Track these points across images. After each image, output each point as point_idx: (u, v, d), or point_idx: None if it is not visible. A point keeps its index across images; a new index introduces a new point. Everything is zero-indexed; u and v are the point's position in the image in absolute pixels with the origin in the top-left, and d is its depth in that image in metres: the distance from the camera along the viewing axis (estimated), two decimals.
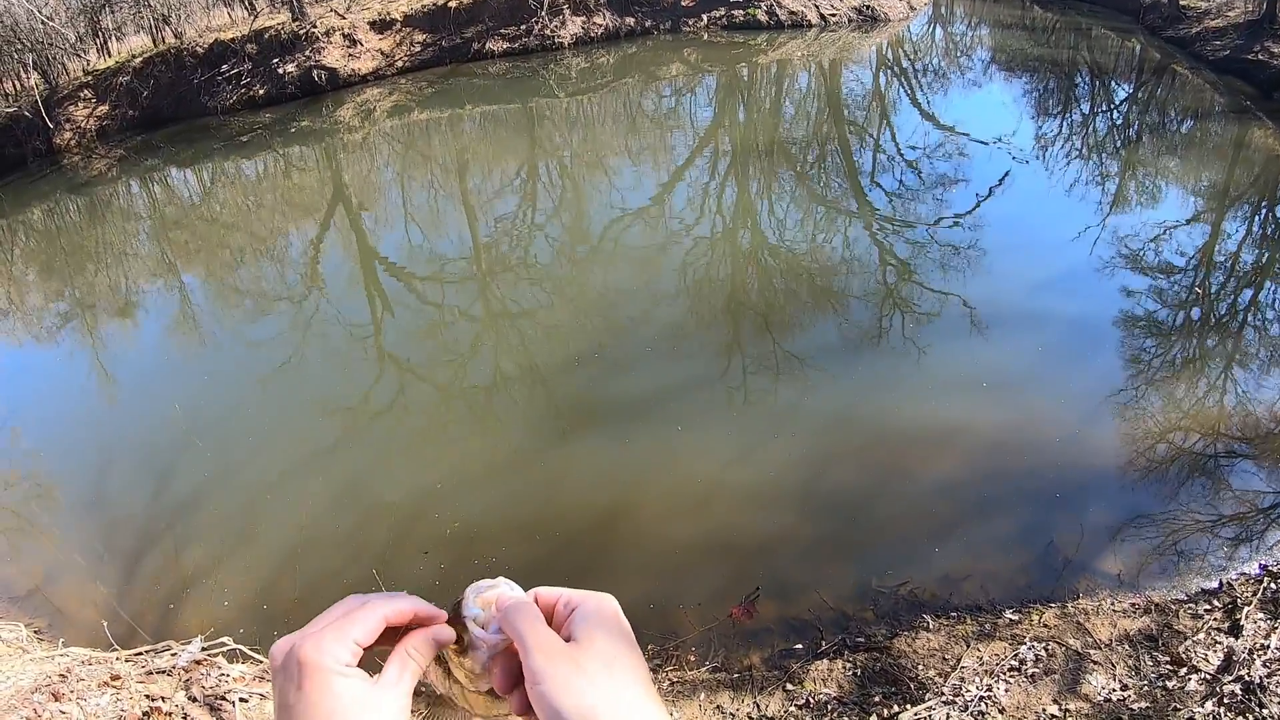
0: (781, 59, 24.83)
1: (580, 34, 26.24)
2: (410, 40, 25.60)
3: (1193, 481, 7.04)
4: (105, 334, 12.06)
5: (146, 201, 18.93)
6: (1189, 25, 27.08)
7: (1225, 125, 18.56)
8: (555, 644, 0.88)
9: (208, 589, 6.40)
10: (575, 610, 0.92)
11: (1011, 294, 10.19)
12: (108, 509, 7.77)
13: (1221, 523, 6.57)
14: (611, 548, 6.50)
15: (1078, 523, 6.52)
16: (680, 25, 27.03)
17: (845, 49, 26.17)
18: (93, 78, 24.43)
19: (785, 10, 27.43)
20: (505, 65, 24.97)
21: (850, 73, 24.57)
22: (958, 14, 38.78)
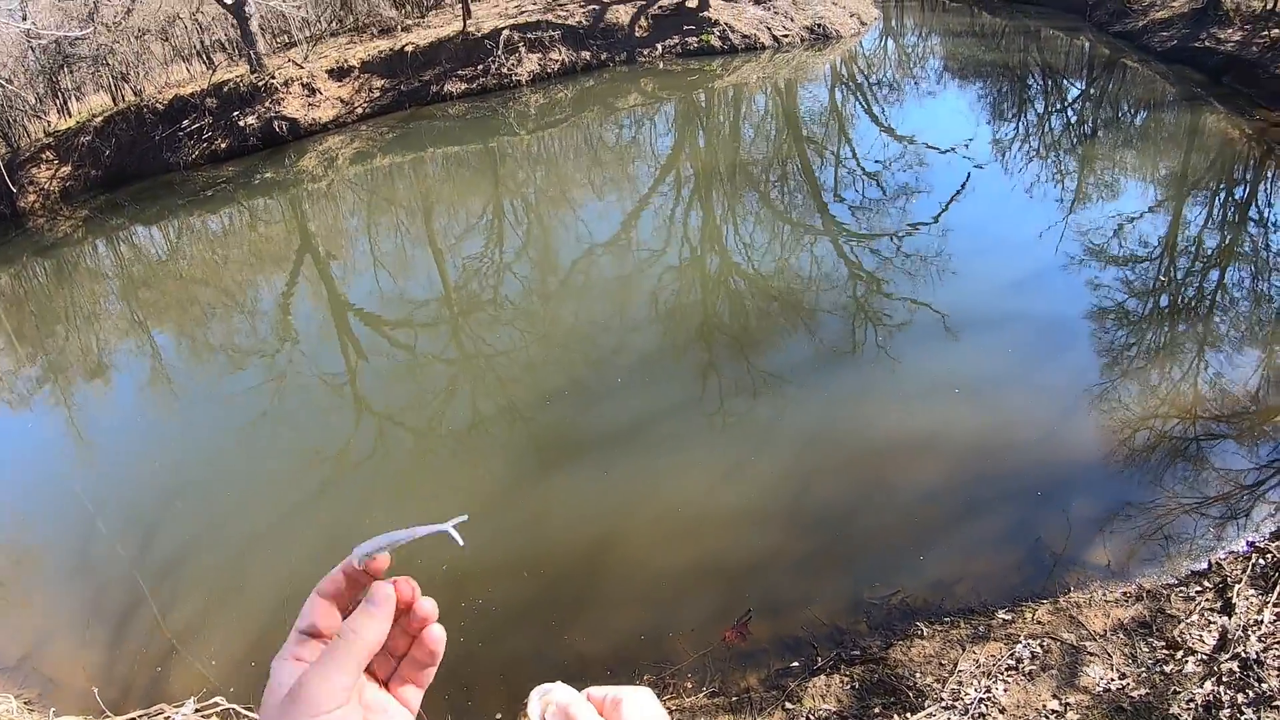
0: (738, 82, 25.07)
1: (537, 70, 26.41)
2: (369, 86, 25.67)
3: (1175, 466, 7.12)
4: (79, 397, 11.95)
5: (114, 261, 18.83)
6: (1135, 19, 27.57)
7: (1178, 113, 18.90)
8: None
9: (197, 648, 6.32)
10: (621, 704, 0.97)
11: (981, 297, 10.30)
12: (92, 573, 7.67)
13: (1207, 504, 6.64)
14: (601, 580, 6.48)
15: (1064, 517, 6.56)
16: (636, 56, 27.25)
17: (800, 68, 26.45)
18: (54, 138, 24.34)
19: (738, 34, 27.73)
20: (464, 106, 25.08)
21: (806, 91, 24.82)
22: (908, 25, 39.31)
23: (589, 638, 5.77)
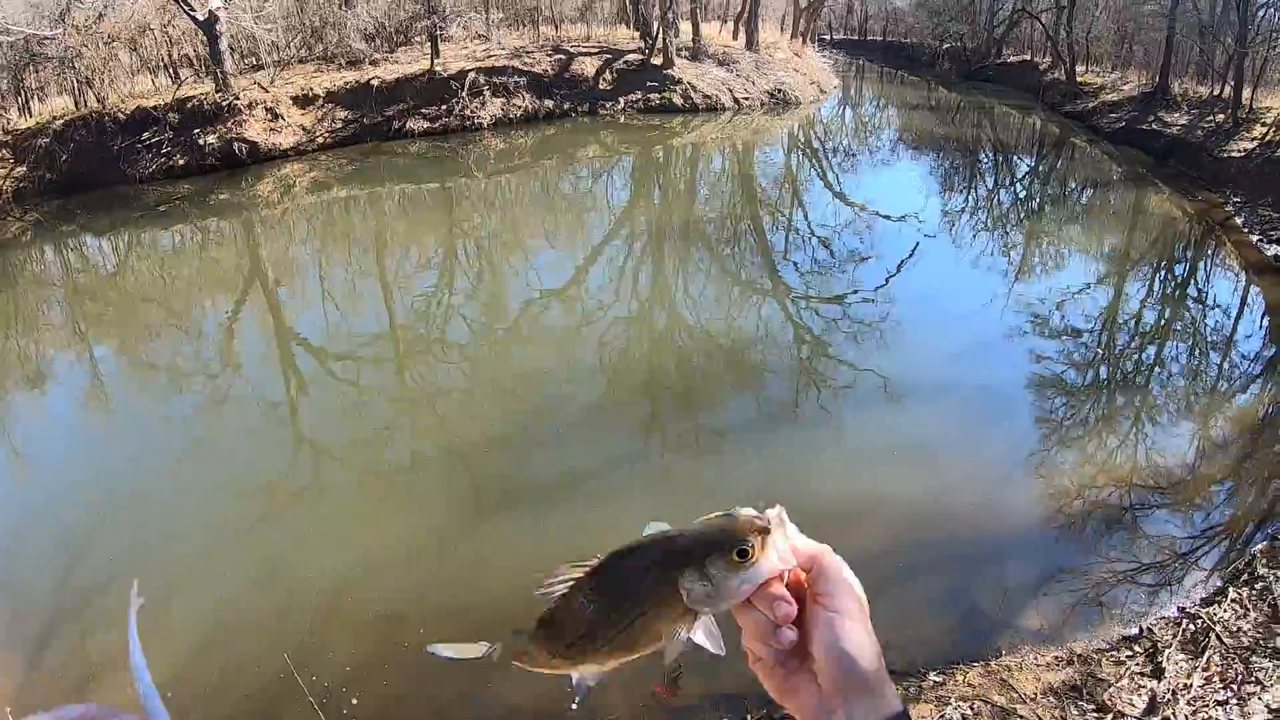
0: (696, 141, 25.45)
1: (500, 115, 26.60)
2: (332, 117, 25.63)
3: (1110, 533, 7.30)
4: (13, 405, 11.62)
5: (60, 269, 18.51)
6: (1086, 100, 28.56)
7: (1124, 192, 19.54)
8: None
9: (115, 677, 6.11)
10: (822, 566, 1.05)
11: (923, 364, 10.49)
12: (11, 593, 7.40)
13: (1140, 570, 6.81)
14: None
15: (999, 582, 6.67)
16: (598, 108, 27.58)
17: (758, 131, 26.92)
18: (12, 137, 23.88)
19: (700, 94, 28.19)
20: (425, 145, 25.14)
21: (763, 154, 25.27)
22: (866, 96, 40.33)
23: (519, 687, 5.70)
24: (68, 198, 22.55)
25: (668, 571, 1.04)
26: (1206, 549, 7.19)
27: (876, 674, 0.99)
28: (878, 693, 0.98)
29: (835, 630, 0.99)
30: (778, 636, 1.00)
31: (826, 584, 1.03)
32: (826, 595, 1.02)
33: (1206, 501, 7.88)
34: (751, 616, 1.02)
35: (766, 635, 1.00)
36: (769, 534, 1.03)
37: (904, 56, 52.52)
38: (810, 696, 1.01)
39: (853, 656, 0.98)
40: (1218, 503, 7.96)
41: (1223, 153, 20.69)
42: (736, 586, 1.00)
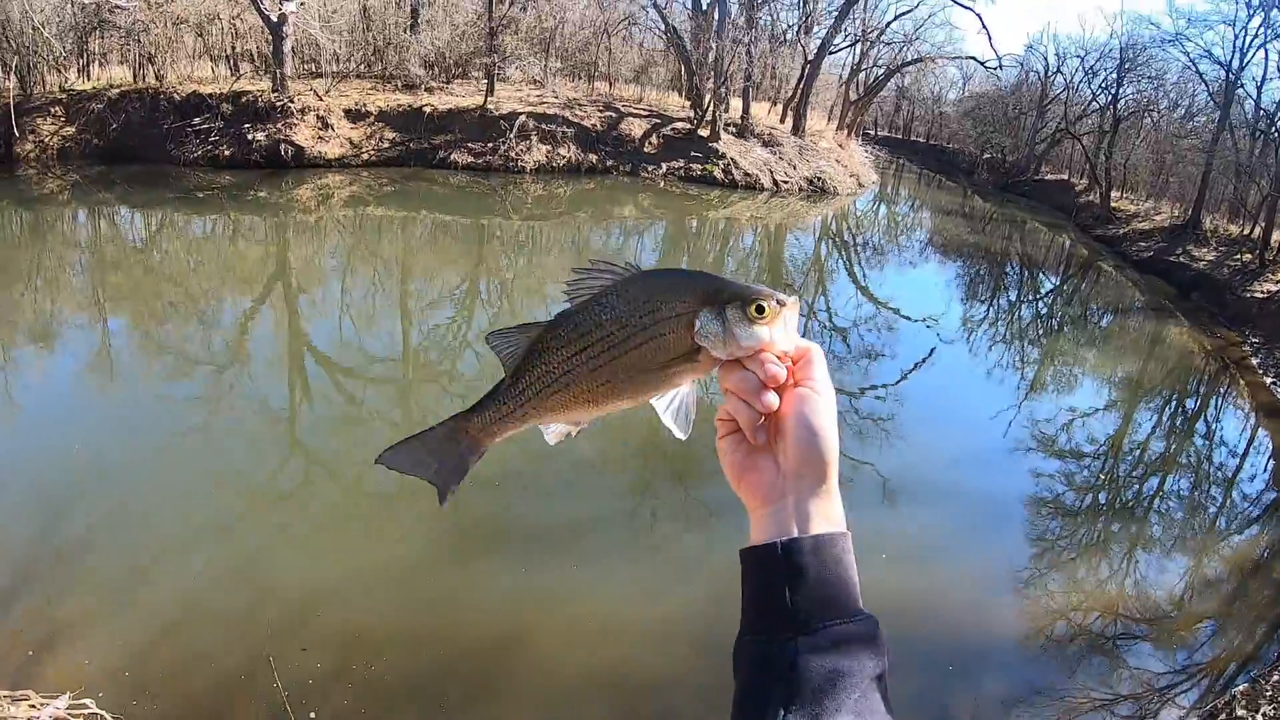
0: (731, 216, 25.66)
1: (543, 162, 26.91)
2: (380, 135, 25.98)
3: (1089, 660, 7.20)
4: (18, 357, 11.65)
5: (90, 234, 18.69)
6: (1118, 226, 28.80)
7: (1144, 321, 19.58)
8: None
9: (75, 643, 6.05)
10: (810, 356, 1.12)
11: (925, 467, 10.44)
12: None
13: (1116, 701, 6.70)
14: (501, 672, 6.33)
15: (973, 694, 6.58)
16: (640, 170, 27.87)
17: (793, 215, 27.16)
18: (67, 96, 24.29)
19: (741, 171, 28.50)
20: (466, 178, 25.41)
21: (794, 238, 25.47)
22: (902, 195, 40.78)
23: None
24: (110, 166, 22.86)
25: (695, 300, 1.12)
26: (1186, 686, 7.10)
27: (833, 466, 1.08)
28: (827, 492, 1.07)
29: (811, 404, 1.07)
30: (762, 398, 1.08)
31: (812, 369, 1.10)
32: (809, 379, 1.10)
33: (1191, 638, 7.80)
34: (739, 375, 1.10)
35: (752, 395, 1.08)
36: (785, 307, 1.11)
37: (944, 161, 53.19)
38: (766, 473, 1.09)
39: (818, 432, 1.06)
40: (1202, 641, 7.87)
41: (1246, 292, 20.83)
42: (743, 335, 1.09)
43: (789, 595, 0.99)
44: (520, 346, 1.20)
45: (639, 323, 1.12)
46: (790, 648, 0.97)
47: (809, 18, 35.63)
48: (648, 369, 1.14)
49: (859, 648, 0.98)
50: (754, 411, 1.09)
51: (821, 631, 0.98)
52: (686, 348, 1.12)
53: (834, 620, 0.99)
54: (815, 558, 1.02)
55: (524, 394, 1.20)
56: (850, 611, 1.01)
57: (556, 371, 1.16)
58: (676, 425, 1.20)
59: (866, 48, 39.33)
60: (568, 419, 1.23)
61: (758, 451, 1.12)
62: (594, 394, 1.17)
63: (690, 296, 1.12)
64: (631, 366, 1.14)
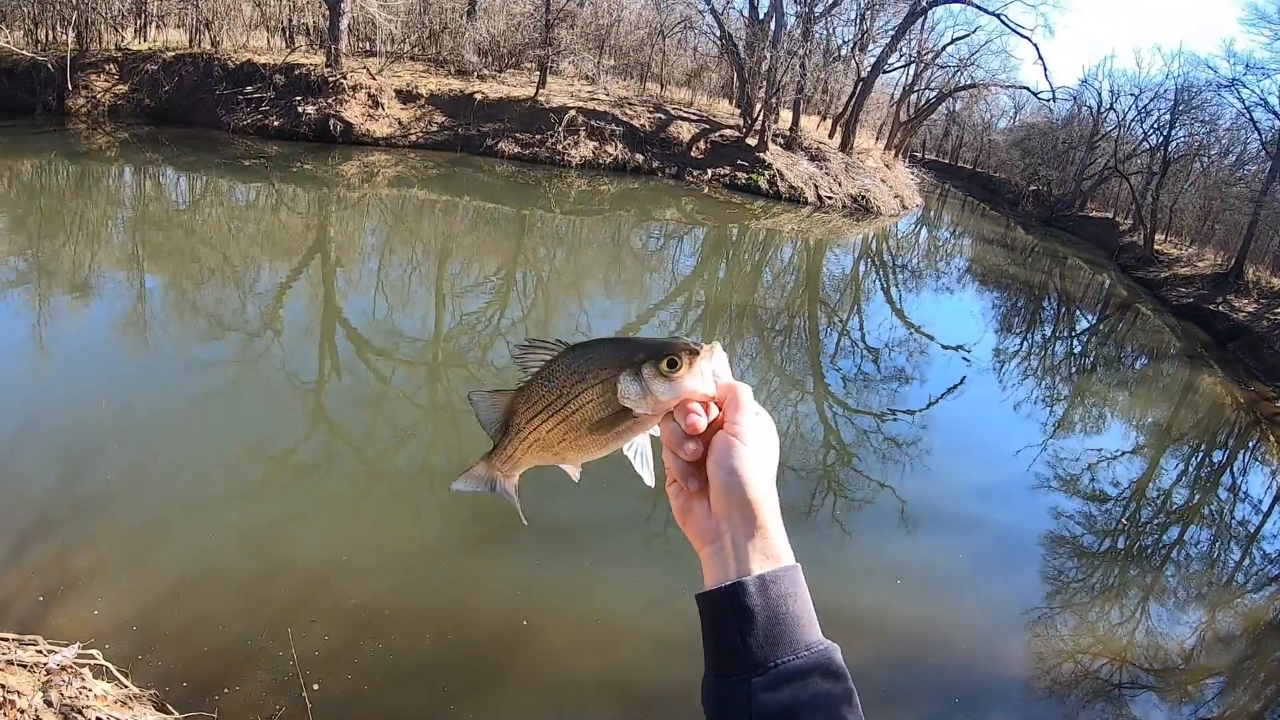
0: (772, 228, 25.58)
1: (590, 158, 26.95)
2: (429, 118, 26.13)
3: (1094, 705, 7.11)
4: (54, 306, 11.80)
5: (135, 191, 18.90)
6: (1159, 269, 28.46)
7: (1178, 368, 19.36)
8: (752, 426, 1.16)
9: (87, 594, 6.10)
10: (737, 390, 1.18)
11: (945, 496, 10.36)
12: (7, 481, 7.39)
13: None
14: (507, 664, 6.33)
15: None
16: (685, 174, 27.86)
17: (834, 232, 27.05)
18: (123, 55, 24.70)
19: (786, 183, 28.40)
20: (511, 168, 25.49)
21: (834, 255, 25.35)
22: (945, 220, 40.52)
23: (481, 716, 5.63)
24: (160, 126, 23.17)
25: (613, 367, 1.20)
26: None
27: (760, 505, 1.11)
28: (760, 527, 1.10)
29: (728, 449, 1.12)
30: (684, 447, 1.14)
31: (734, 412, 1.15)
32: (731, 422, 1.14)
33: (1198, 694, 7.68)
34: (669, 427, 1.16)
35: (676, 445, 1.15)
36: (697, 356, 1.17)
37: (989, 189, 52.90)
38: (701, 516, 1.15)
39: (736, 474, 1.11)
40: (1209, 697, 7.74)
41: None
42: (661, 391, 1.15)
43: (740, 637, 1.03)
44: (495, 408, 1.36)
45: (571, 392, 1.23)
46: (746, 686, 1.01)
47: (865, 35, 35.48)
48: (595, 429, 1.23)
49: (816, 678, 1.02)
50: (678, 460, 1.16)
51: (774, 669, 1.01)
52: (616, 408, 1.20)
53: (786, 657, 1.02)
54: (762, 598, 1.05)
55: (512, 444, 1.34)
56: (803, 644, 1.04)
57: (526, 430, 1.30)
58: (643, 472, 1.30)
59: (920, 69, 39.19)
60: (560, 463, 1.35)
61: (695, 496, 1.17)
62: (564, 447, 1.28)
63: (609, 364, 1.21)
64: (579, 427, 1.24)
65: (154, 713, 4.79)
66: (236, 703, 5.26)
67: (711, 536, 1.13)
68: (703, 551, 1.14)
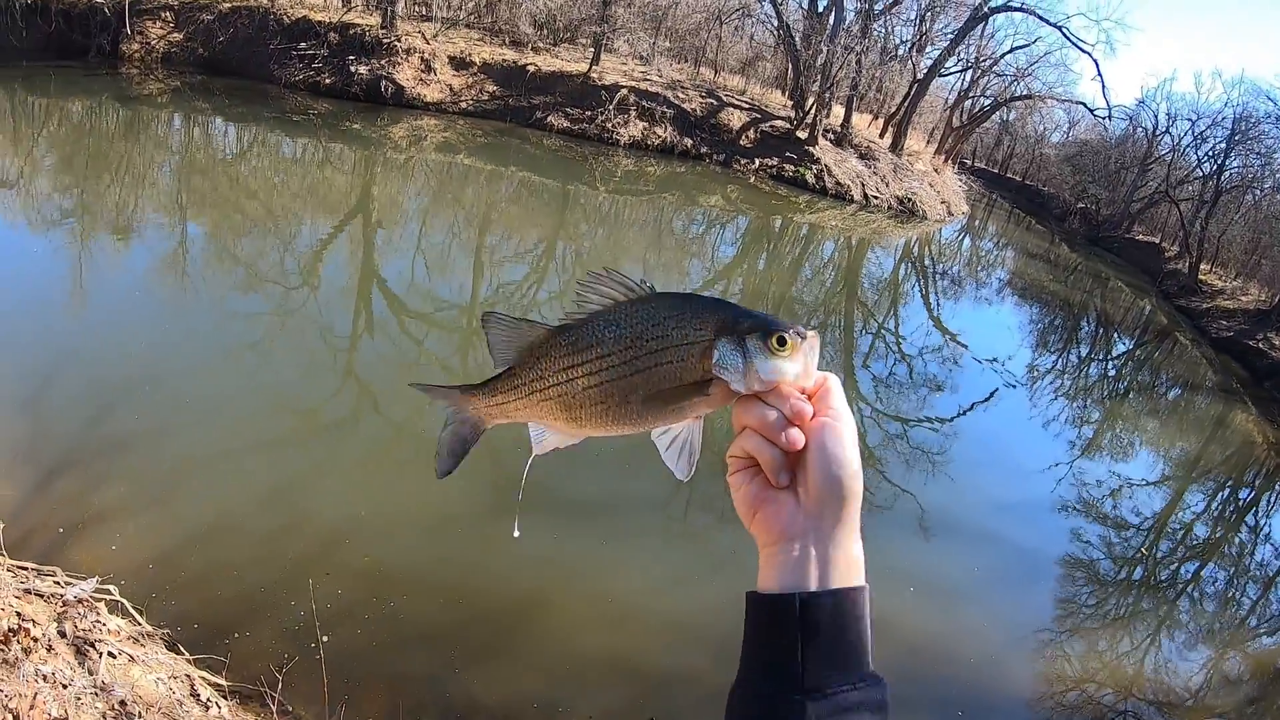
0: (816, 223, 25.44)
1: (638, 138, 26.88)
2: (481, 87, 26.15)
3: None
4: (95, 246, 11.94)
5: (183, 139, 19.10)
6: (1201, 299, 28.08)
7: (1211, 401, 19.13)
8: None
9: (107, 531, 6.19)
10: (828, 381, 1.10)
11: (965, 508, 10.29)
12: (37, 415, 7.52)
13: None
14: (516, 635, 6.36)
15: None
16: (733, 161, 27.73)
17: (877, 232, 26.87)
18: (179, 3, 24.85)
19: (833, 180, 28.20)
20: (559, 142, 25.47)
21: (875, 256, 25.19)
22: (990, 230, 40.15)
23: (485, 684, 5.66)
24: (212, 77, 23.37)
25: (711, 329, 1.07)
26: None
27: (855, 503, 1.03)
28: (850, 532, 1.03)
29: (834, 434, 1.03)
30: (787, 435, 1.03)
31: (830, 398, 1.07)
32: (831, 410, 1.06)
33: None
34: (760, 411, 1.05)
35: (775, 432, 1.04)
36: (805, 340, 1.07)
37: (1037, 203, 52.33)
38: (785, 507, 1.04)
39: (844, 464, 1.02)
40: None
41: None
42: (764, 368, 1.05)
43: (801, 654, 0.96)
44: (514, 340, 1.19)
45: (647, 346, 1.08)
46: (797, 711, 0.94)
47: (923, 36, 35.08)
48: (651, 398, 1.09)
49: (866, 715, 0.96)
50: (776, 450, 1.05)
51: (832, 698, 0.95)
52: (697, 377, 1.07)
53: (845, 686, 0.96)
54: (833, 617, 0.99)
55: (517, 390, 1.19)
56: (861, 675, 0.98)
57: (550, 380, 1.14)
58: (679, 465, 1.15)
59: (977, 75, 38.68)
60: (559, 430, 1.20)
61: (775, 487, 1.06)
62: (588, 414, 1.13)
63: (707, 324, 1.08)
64: (632, 392, 1.09)
65: (165, 652, 4.86)
66: (247, 648, 5.32)
67: (794, 532, 1.03)
68: (774, 548, 1.04)
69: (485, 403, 1.25)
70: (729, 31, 35.28)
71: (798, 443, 1.03)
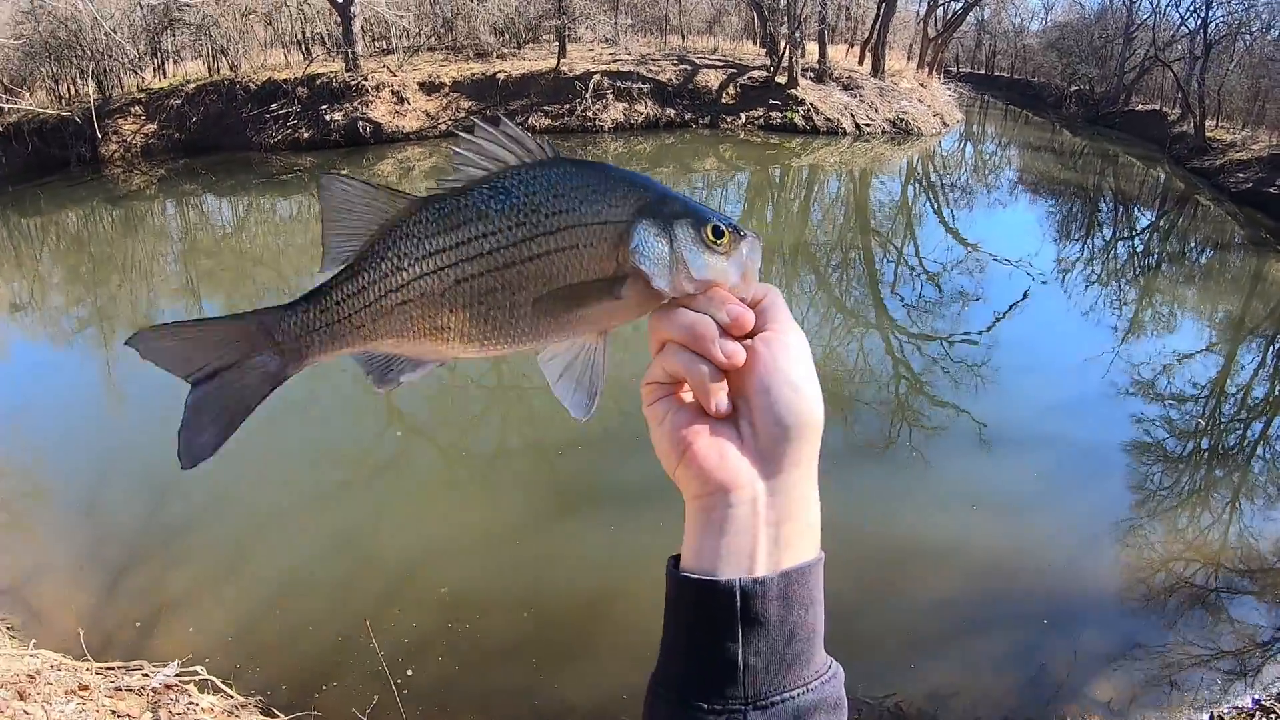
0: (814, 163, 25.23)
1: (621, 120, 26.80)
2: (456, 105, 26.17)
3: (1191, 613, 6.94)
4: (120, 346, 12.10)
5: (180, 224, 19.34)
6: (1214, 157, 27.49)
7: (1244, 257, 18.79)
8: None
9: (184, 615, 6.32)
10: (772, 301, 0.87)
11: (1021, 414, 10.19)
12: (97, 518, 7.73)
13: (1218, 656, 6.47)
14: (595, 632, 6.41)
15: (1070, 648, 6.43)
16: (719, 121, 27.58)
17: (877, 159, 26.60)
18: (146, 95, 25.17)
19: (822, 117, 27.95)
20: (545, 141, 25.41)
21: (880, 182, 24.95)
22: (989, 133, 39.63)
23: (574, 686, 5.72)
24: (194, 158, 23.57)
25: (628, 209, 0.85)
26: None
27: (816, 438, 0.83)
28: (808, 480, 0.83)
29: (785, 348, 0.82)
30: (725, 348, 0.81)
31: (778, 319, 0.85)
32: (777, 330, 0.84)
33: None
34: (690, 319, 0.83)
35: (706, 344, 0.81)
36: (747, 239, 0.87)
37: (1030, 96, 51.46)
38: (725, 443, 0.82)
39: (798, 382, 0.81)
40: None
41: None
42: (696, 263, 0.83)
43: (742, 654, 0.77)
44: (363, 220, 0.89)
45: (545, 224, 0.83)
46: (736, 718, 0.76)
47: None
48: (546, 298, 0.85)
49: (821, 716, 0.79)
50: (709, 368, 0.82)
51: (781, 705, 0.77)
52: (608, 271, 0.84)
53: (795, 688, 0.78)
54: (782, 605, 0.79)
55: (364, 293, 0.88)
56: (813, 671, 0.80)
57: (411, 272, 0.85)
58: (576, 396, 0.91)
59: None
60: (415, 352, 0.92)
61: (700, 418, 0.84)
62: (459, 320, 0.87)
63: (625, 201, 0.85)
64: (521, 288, 0.84)
65: (261, 718, 4.96)
66: (335, 698, 5.40)
67: (734, 482, 0.81)
68: (706, 501, 0.83)
69: (308, 324, 0.91)
70: None
71: (738, 357, 0.81)
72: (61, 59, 24.83)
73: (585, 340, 0.89)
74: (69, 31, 24.11)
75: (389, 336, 0.89)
